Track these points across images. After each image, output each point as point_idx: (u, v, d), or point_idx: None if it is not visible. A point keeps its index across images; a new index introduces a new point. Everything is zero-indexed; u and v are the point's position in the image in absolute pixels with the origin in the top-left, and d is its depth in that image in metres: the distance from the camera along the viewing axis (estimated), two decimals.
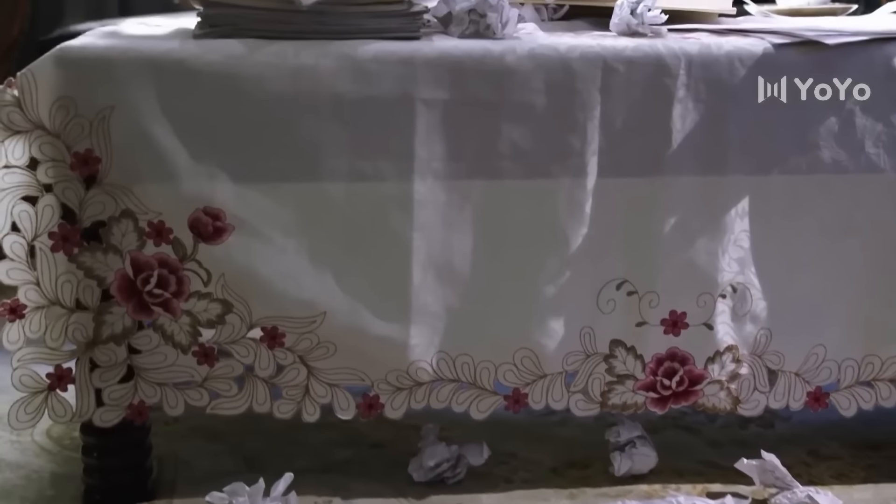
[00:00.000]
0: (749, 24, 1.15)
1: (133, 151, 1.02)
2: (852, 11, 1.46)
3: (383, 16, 1.08)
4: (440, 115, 1.06)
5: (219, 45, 1.04)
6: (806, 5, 1.47)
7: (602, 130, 1.08)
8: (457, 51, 1.06)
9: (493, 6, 1.10)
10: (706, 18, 1.24)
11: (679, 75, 1.07)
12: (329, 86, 1.04)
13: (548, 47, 1.07)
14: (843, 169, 1.10)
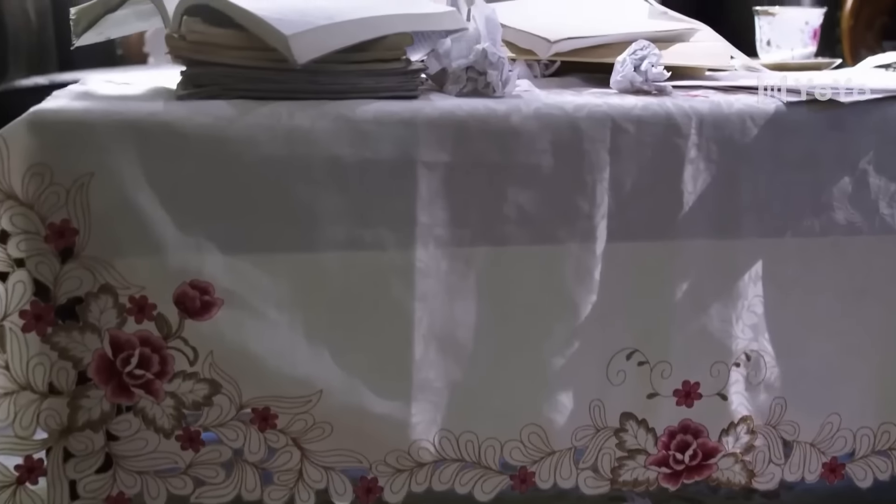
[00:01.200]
0: (754, 81, 1.11)
1: (114, 222, 0.94)
2: (836, 66, 1.44)
3: (380, 74, 1.02)
4: (442, 178, 1.00)
5: (206, 107, 0.97)
6: (790, 60, 1.45)
7: (611, 193, 1.03)
8: (460, 111, 1.00)
9: (493, 63, 1.05)
10: (695, 73, 1.21)
11: (690, 135, 1.03)
12: (326, 149, 0.97)
13: (554, 106, 1.02)
14: (857, 230, 1.07)
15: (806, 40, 1.46)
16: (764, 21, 1.47)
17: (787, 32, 1.45)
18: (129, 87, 1.11)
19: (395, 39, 1.02)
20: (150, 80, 1.21)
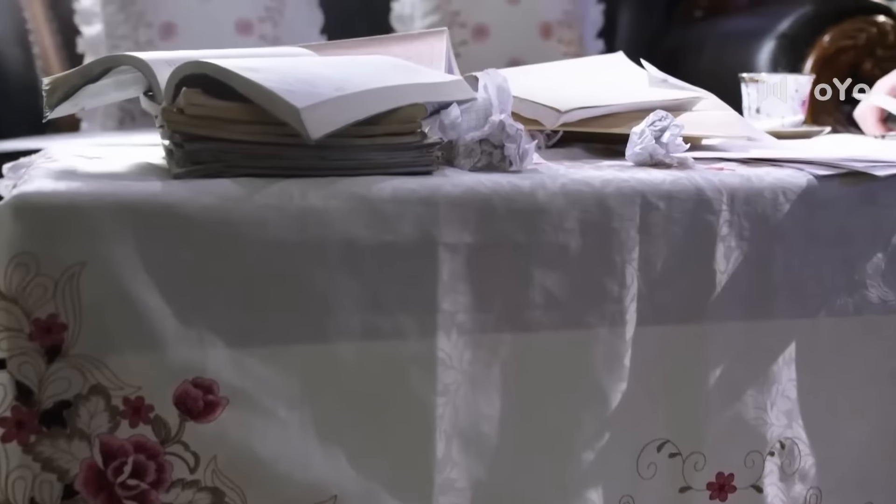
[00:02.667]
0: (777, 153, 1.07)
1: (107, 315, 0.84)
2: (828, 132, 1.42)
3: (394, 149, 0.94)
4: (465, 260, 0.92)
5: (210, 186, 0.88)
6: (780, 128, 1.41)
7: (641, 273, 0.96)
8: (482, 187, 0.93)
9: (511, 136, 0.98)
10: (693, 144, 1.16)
11: (721, 211, 0.97)
12: (341, 231, 0.89)
13: (580, 182, 0.95)
14: (891, 309, 1.02)
15: (795, 108, 1.43)
16: (752, 88, 1.44)
17: (777, 100, 1.42)
18: (106, 162, 1.02)
19: (409, 111, 0.95)
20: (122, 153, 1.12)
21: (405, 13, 2.57)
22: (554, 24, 2.55)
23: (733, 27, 2.38)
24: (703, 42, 2.40)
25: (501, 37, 2.47)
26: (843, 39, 2.07)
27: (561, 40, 2.55)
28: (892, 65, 2.13)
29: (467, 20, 2.50)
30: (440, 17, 2.51)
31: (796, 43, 2.11)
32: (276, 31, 2.48)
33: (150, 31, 2.38)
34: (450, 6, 2.51)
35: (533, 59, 2.54)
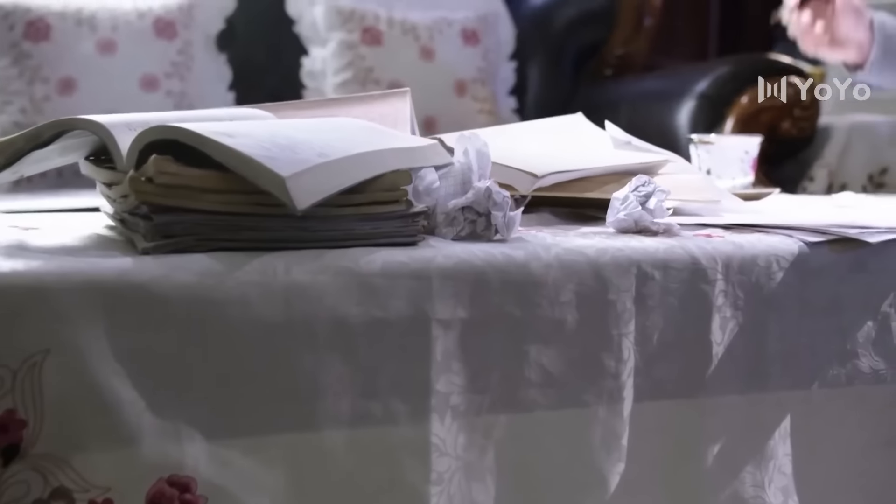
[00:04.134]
0: (761, 218, 1.04)
1: (73, 409, 0.75)
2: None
3: (379, 218, 0.88)
4: (459, 337, 0.86)
5: (186, 263, 0.80)
6: (732, 189, 1.40)
7: (637, 347, 0.92)
8: (476, 259, 0.87)
9: (497, 203, 0.93)
10: None
11: (716, 280, 0.94)
12: (329, 308, 0.82)
13: (575, 252, 0.90)
14: (881, 379, 1.00)
15: (746, 169, 1.42)
16: (702, 150, 1.43)
17: (728, 161, 1.41)
18: (51, 233, 0.93)
19: (393, 178, 0.89)
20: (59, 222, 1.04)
21: (316, 69, 2.51)
22: (468, 82, 2.53)
23: (650, 87, 2.40)
24: (619, 101, 2.41)
25: (416, 94, 2.41)
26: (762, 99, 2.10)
27: (475, 98, 2.52)
28: (809, 124, 2.17)
29: (381, 77, 2.46)
30: (353, 74, 2.46)
31: (716, 103, 2.13)
32: (183, 86, 2.39)
33: (46, 87, 2.26)
34: (363, 62, 2.46)
35: (448, 117, 2.51)
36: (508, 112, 2.63)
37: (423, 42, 2.50)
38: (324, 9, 2.48)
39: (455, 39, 2.53)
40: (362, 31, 2.46)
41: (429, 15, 2.54)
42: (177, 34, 2.40)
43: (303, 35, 2.51)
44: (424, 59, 2.49)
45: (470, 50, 2.54)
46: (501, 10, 2.66)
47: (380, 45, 2.47)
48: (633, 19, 2.66)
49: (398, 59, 2.47)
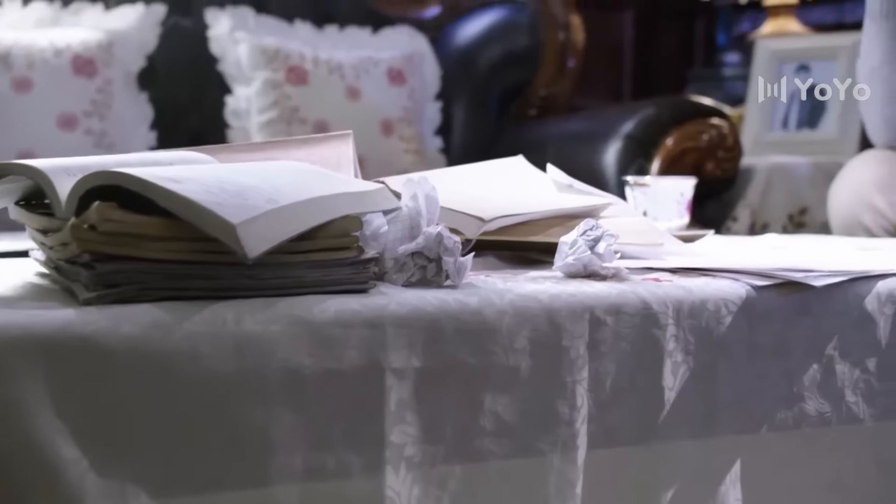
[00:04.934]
0: (707, 261, 1.05)
1: (12, 470, 0.71)
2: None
3: (330, 265, 0.86)
4: (413, 387, 0.84)
5: (131, 314, 0.76)
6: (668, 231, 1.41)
7: (591, 394, 0.91)
8: (429, 306, 0.85)
9: (448, 249, 0.92)
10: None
11: (668, 325, 0.93)
12: (281, 359, 0.79)
13: (528, 297, 0.89)
14: (826, 421, 1.00)
15: (681, 211, 1.43)
16: (638, 192, 1.43)
17: (664, 203, 1.42)
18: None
19: (343, 224, 0.87)
20: None
21: (241, 108, 2.48)
22: (395, 121, 2.52)
23: (576, 127, 2.42)
24: (545, 141, 2.43)
25: None
26: (687, 141, 2.13)
27: (402, 137, 2.52)
28: (732, 165, 2.21)
29: (307, 116, 2.44)
30: (279, 113, 2.43)
31: (642, 144, 2.16)
32: (102, 125, 2.34)
33: None
34: (289, 102, 2.44)
35: (375, 157, 2.50)
36: (434, 152, 2.63)
37: (349, 81, 2.49)
38: (248, 47, 2.46)
39: (381, 79, 2.53)
40: (287, 70, 2.44)
41: (354, 54, 2.53)
42: (96, 72, 2.35)
43: (227, 74, 2.49)
44: (351, 98, 2.48)
45: (396, 90, 2.54)
46: (427, 50, 2.66)
47: (305, 85, 2.45)
48: (557, 61, 2.69)
49: (324, 98, 2.45)
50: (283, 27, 2.53)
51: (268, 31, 2.49)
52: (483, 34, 2.75)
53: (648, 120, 2.16)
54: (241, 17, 2.51)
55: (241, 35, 2.47)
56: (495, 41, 2.73)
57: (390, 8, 2.79)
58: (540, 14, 2.70)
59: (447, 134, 2.66)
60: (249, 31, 2.48)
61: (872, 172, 1.81)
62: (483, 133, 2.69)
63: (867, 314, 1.02)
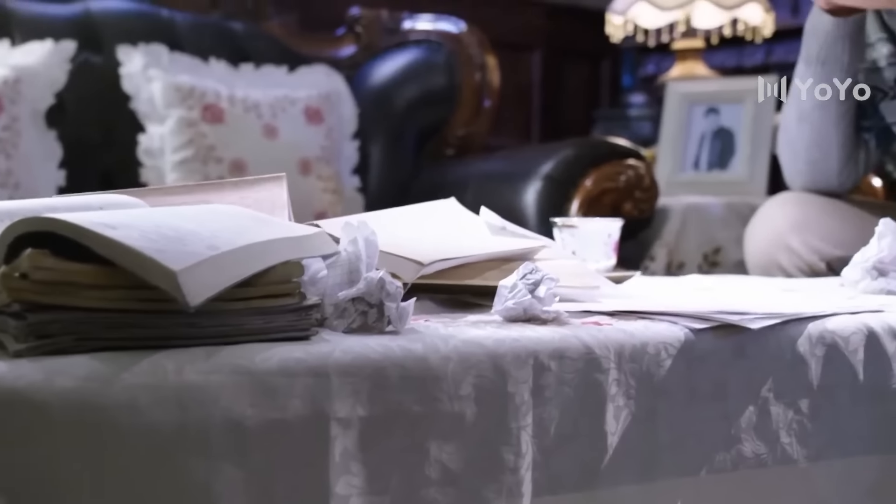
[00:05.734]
0: (644, 304, 1.05)
1: None
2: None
3: (272, 312, 0.83)
4: (358, 437, 0.82)
5: (66, 366, 0.73)
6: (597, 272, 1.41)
7: (535, 440, 0.90)
8: (374, 353, 0.84)
9: (391, 294, 0.90)
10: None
11: (610, 369, 0.93)
12: (224, 410, 0.77)
13: (473, 343, 0.88)
14: (762, 462, 1.01)
15: (609, 252, 1.44)
16: (566, 233, 1.44)
17: (592, 244, 1.43)
18: None
19: (285, 270, 0.85)
20: None
21: (154, 146, 2.44)
22: (312, 160, 2.50)
23: (495, 168, 2.43)
24: (464, 181, 2.43)
25: (260, 172, 2.37)
26: (605, 182, 2.16)
27: (320, 176, 2.50)
28: (649, 205, 2.24)
29: (223, 155, 2.41)
30: (194, 152, 2.40)
31: (561, 184, 2.18)
32: (9, 164, 2.28)
33: None
34: (204, 140, 2.40)
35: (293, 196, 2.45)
36: (352, 191, 2.61)
37: (266, 120, 2.47)
38: (162, 85, 2.41)
39: (298, 118, 2.51)
40: (203, 109, 2.41)
41: (271, 93, 2.51)
42: (2, 109, 2.29)
43: (139, 111, 2.44)
44: (268, 137, 2.46)
45: (314, 129, 2.52)
46: (343, 89, 2.65)
47: (221, 123, 2.42)
48: (474, 101, 2.70)
49: (241, 137, 2.42)
50: (197, 65, 2.50)
51: (182, 69, 2.46)
52: (400, 73, 2.75)
53: (568, 160, 2.19)
54: (154, 54, 2.46)
55: (155, 73, 2.43)
56: (412, 81, 2.74)
57: (305, 47, 2.78)
58: (456, 54, 2.72)
59: (364, 173, 2.65)
60: (163, 69, 2.44)
61: (788, 214, 1.85)
62: (400, 172, 2.69)
63: (800, 356, 1.03)
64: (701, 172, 2.75)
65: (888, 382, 1.09)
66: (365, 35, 2.85)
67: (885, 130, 1.89)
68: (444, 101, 2.71)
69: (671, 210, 2.44)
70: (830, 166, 1.89)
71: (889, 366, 1.09)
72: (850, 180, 1.92)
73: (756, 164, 2.66)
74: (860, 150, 1.90)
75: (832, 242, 1.83)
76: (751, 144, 2.68)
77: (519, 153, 2.57)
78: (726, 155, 2.74)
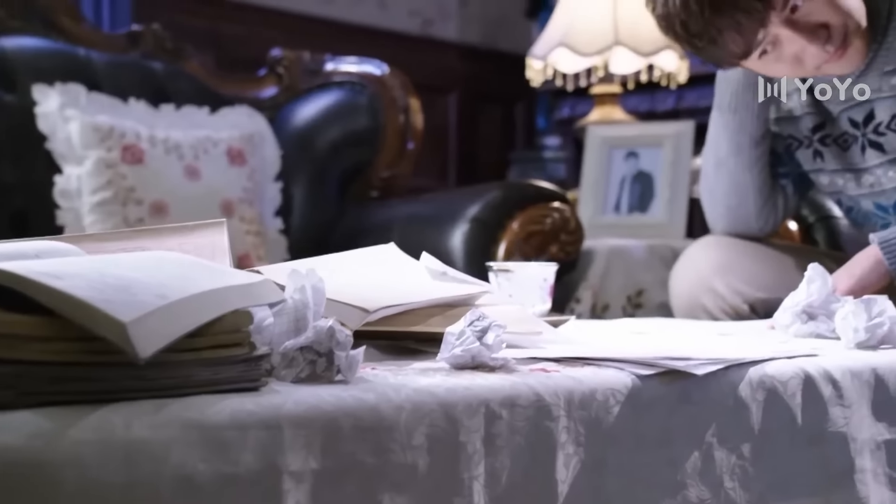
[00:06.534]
0: (589, 350, 1.05)
1: None
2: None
3: (221, 363, 0.81)
4: (311, 490, 0.80)
5: (9, 421, 0.70)
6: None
7: (487, 489, 0.89)
8: (325, 405, 0.82)
9: (340, 343, 0.89)
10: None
11: (560, 417, 0.93)
12: (174, 466, 0.74)
13: (424, 392, 0.87)
14: None
15: (544, 296, 1.45)
16: (502, 278, 1.44)
17: (528, 289, 1.43)
18: None
19: (233, 319, 0.83)
20: None
21: (71, 188, 2.38)
22: (235, 202, 2.47)
23: (421, 210, 2.43)
24: (390, 222, 2.42)
25: (181, 214, 2.34)
26: (531, 224, 2.17)
27: (243, 218, 2.47)
28: (574, 248, 2.26)
29: (144, 197, 2.36)
30: (113, 193, 2.35)
31: (488, 227, 2.18)
32: None
33: None
34: (124, 182, 2.35)
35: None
36: (275, 233, 2.59)
37: (187, 161, 2.43)
38: (79, 125, 2.36)
39: (221, 159, 2.48)
40: (122, 150, 2.36)
41: (192, 134, 2.47)
42: None
43: (55, 152, 2.38)
44: (190, 178, 2.42)
45: (236, 170, 2.49)
46: (266, 130, 2.63)
47: (141, 164, 2.38)
48: (398, 143, 2.70)
49: (162, 178, 2.38)
50: (116, 105, 2.45)
51: (100, 109, 2.41)
52: (322, 115, 2.74)
53: (494, 203, 2.19)
54: (71, 93, 2.41)
55: (72, 112, 2.37)
56: (335, 122, 2.73)
57: (226, 87, 2.75)
58: (380, 96, 2.72)
59: (287, 215, 2.63)
60: (81, 109, 2.39)
61: (711, 257, 1.88)
62: (324, 214, 2.67)
63: (741, 401, 1.04)
64: (622, 215, 2.79)
65: (824, 426, 1.11)
66: (287, 76, 2.83)
67: (802, 176, 1.94)
68: (368, 142, 2.70)
69: (596, 252, 2.46)
70: (748, 210, 1.93)
71: (825, 409, 1.11)
72: (770, 224, 1.96)
73: (675, 207, 2.71)
74: (778, 195, 1.94)
75: (754, 285, 1.86)
76: (669, 188, 2.73)
77: (444, 196, 2.58)
78: (646, 198, 2.78)
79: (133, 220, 2.32)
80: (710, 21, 1.52)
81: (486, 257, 2.12)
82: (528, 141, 5.68)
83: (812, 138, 1.85)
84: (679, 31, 1.56)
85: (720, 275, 1.86)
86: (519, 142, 5.74)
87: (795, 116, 1.86)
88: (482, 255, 2.14)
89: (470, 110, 5.49)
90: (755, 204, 1.92)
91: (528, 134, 5.71)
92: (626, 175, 2.82)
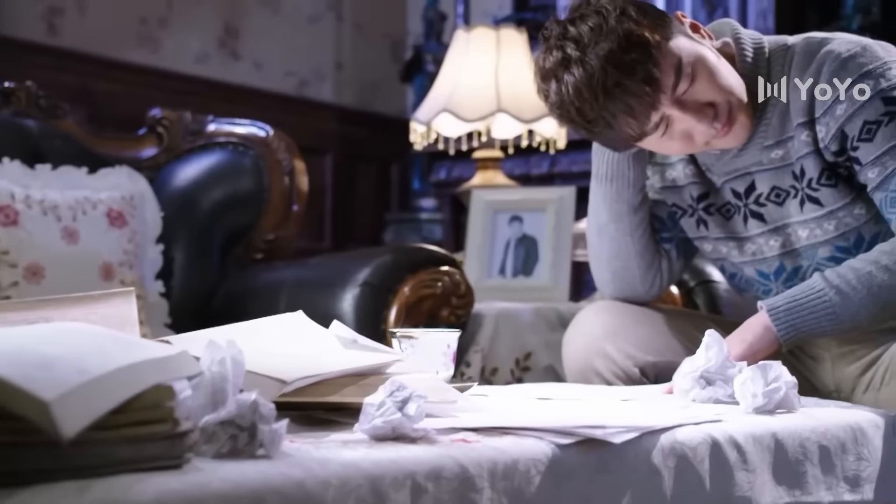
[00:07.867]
0: (508, 419, 1.05)
1: None
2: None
3: (143, 440, 0.78)
4: None
5: None
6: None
7: None
8: (253, 482, 0.80)
9: (264, 416, 0.86)
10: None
11: (484, 489, 0.92)
12: None
13: (351, 466, 0.85)
14: None
15: (448, 363, 1.44)
16: (406, 344, 1.43)
17: (431, 356, 1.42)
18: None
19: (155, 395, 0.80)
20: None
21: None
22: (115, 265, 2.39)
23: (309, 273, 2.40)
24: (278, 286, 2.38)
25: (58, 278, 2.26)
26: (423, 288, 2.17)
27: (123, 282, 2.39)
28: (465, 312, 2.26)
29: (18, 260, 2.27)
30: None
31: (380, 291, 2.17)
32: None
33: None
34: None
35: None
36: (156, 296, 2.51)
37: (65, 223, 2.35)
38: None
39: (100, 221, 2.40)
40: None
41: (71, 195, 2.39)
42: None
43: None
44: (68, 241, 2.34)
45: (116, 232, 2.42)
46: (147, 191, 2.57)
47: (16, 226, 2.29)
48: (283, 205, 2.67)
49: (38, 240, 2.29)
50: None
51: None
52: (205, 176, 2.69)
53: (385, 267, 2.18)
54: None
55: None
56: (218, 183, 2.68)
57: (105, 147, 2.68)
58: (264, 158, 2.69)
59: (168, 278, 2.56)
60: None
61: (602, 322, 1.91)
62: (206, 276, 2.61)
63: (655, 468, 1.06)
64: (507, 279, 2.82)
65: (731, 490, 1.13)
66: (167, 136, 2.77)
67: (685, 241, 1.99)
68: (252, 204, 2.66)
69: (484, 316, 2.47)
70: (633, 274, 1.97)
71: (731, 474, 1.13)
72: (656, 287, 2.01)
73: (559, 270, 2.75)
74: (662, 260, 1.99)
75: (644, 349, 1.90)
76: (553, 252, 2.77)
77: (332, 259, 2.55)
78: (530, 262, 2.81)
79: (6, 284, 2.22)
80: (604, 107, 1.56)
81: (377, 321, 2.10)
82: (404, 202, 5.71)
83: (696, 207, 1.90)
84: (575, 117, 1.60)
85: (611, 339, 1.89)
86: (394, 203, 5.77)
87: (679, 186, 1.92)
88: (374, 319, 2.12)
89: (345, 171, 5.50)
90: (639, 268, 1.97)
91: (404, 195, 5.74)
92: (510, 238, 2.85)
